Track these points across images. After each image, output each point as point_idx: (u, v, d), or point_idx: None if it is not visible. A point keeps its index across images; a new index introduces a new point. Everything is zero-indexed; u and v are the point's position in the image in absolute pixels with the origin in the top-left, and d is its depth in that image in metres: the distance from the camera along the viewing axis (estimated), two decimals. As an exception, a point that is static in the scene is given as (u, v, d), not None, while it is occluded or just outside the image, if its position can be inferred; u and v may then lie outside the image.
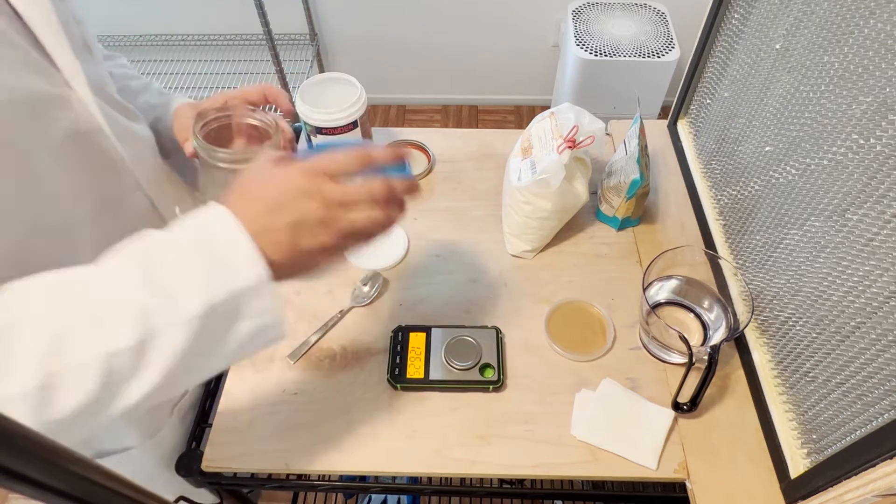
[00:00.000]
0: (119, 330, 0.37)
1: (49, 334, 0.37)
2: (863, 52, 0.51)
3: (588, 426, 0.65)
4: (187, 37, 2.15)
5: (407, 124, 2.35)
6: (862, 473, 0.48)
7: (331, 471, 0.64)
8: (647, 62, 1.78)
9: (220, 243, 0.41)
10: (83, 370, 0.37)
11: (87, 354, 0.37)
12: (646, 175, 0.77)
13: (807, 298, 0.59)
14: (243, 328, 0.42)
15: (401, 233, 0.83)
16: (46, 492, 0.22)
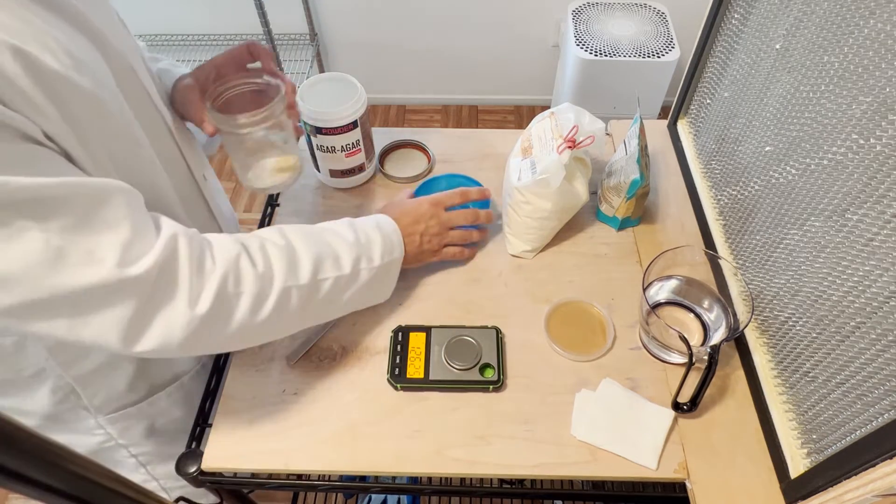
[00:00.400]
0: (345, 265, 0.64)
1: (313, 257, 0.61)
2: (863, 52, 0.51)
3: (588, 426, 0.65)
4: (187, 37, 2.16)
5: (407, 124, 2.35)
6: (862, 473, 0.48)
7: (331, 471, 0.64)
8: (647, 62, 1.78)
9: (388, 233, 0.70)
10: (326, 283, 0.62)
11: (330, 274, 0.63)
12: (646, 175, 0.77)
13: (807, 298, 0.59)
14: (385, 282, 0.71)
15: (401, 233, 0.83)
16: (46, 492, 0.22)
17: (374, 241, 0.67)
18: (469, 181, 0.87)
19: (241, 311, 0.55)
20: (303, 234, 0.63)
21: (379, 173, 0.93)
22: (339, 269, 0.63)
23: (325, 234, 0.65)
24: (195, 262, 0.53)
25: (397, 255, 0.69)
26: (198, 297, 0.52)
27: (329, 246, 0.63)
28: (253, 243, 0.58)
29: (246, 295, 0.55)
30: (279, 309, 0.58)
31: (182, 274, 0.52)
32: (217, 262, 0.54)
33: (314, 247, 0.62)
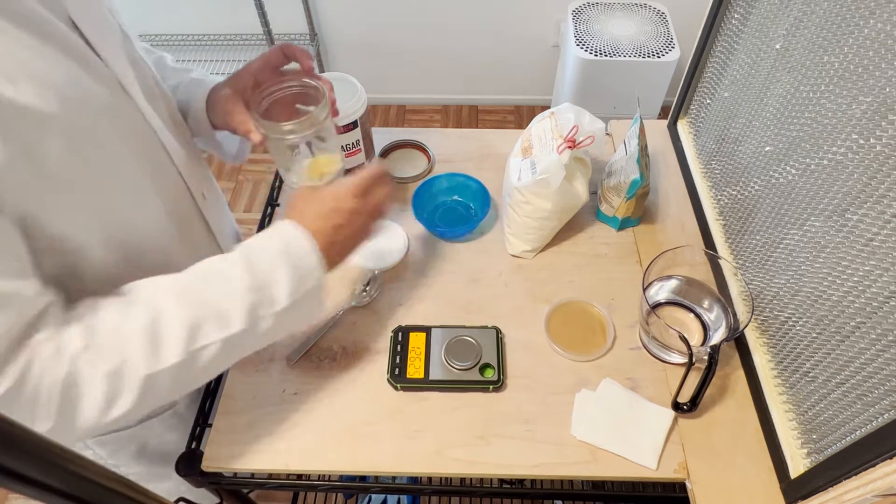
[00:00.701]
0: (234, 321, 0.53)
1: (187, 326, 0.51)
2: (863, 52, 0.51)
3: (588, 426, 0.65)
4: (187, 37, 2.16)
5: (407, 124, 2.35)
6: (862, 473, 0.48)
7: (331, 471, 0.64)
8: (647, 62, 1.78)
9: (301, 255, 0.56)
10: (209, 349, 0.52)
11: (214, 338, 0.52)
12: (646, 175, 0.77)
13: (807, 298, 0.59)
14: (304, 313, 0.59)
15: (401, 233, 0.83)
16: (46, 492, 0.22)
17: (276, 279, 0.54)
18: (469, 181, 0.87)
19: (87, 413, 0.47)
20: (176, 294, 0.52)
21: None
22: (226, 328, 0.52)
23: (207, 286, 0.54)
24: (45, 378, 0.46)
25: (313, 282, 0.57)
26: (33, 417, 0.46)
27: (210, 304, 0.52)
28: (106, 324, 0.49)
29: (91, 396, 0.47)
30: (143, 396, 0.50)
31: (29, 394, 0.45)
32: (56, 370, 0.46)
33: (189, 310, 0.51)
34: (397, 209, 0.88)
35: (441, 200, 0.88)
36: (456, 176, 0.87)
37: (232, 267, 0.54)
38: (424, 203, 0.86)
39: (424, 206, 0.86)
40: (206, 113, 0.71)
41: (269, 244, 0.56)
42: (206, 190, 0.73)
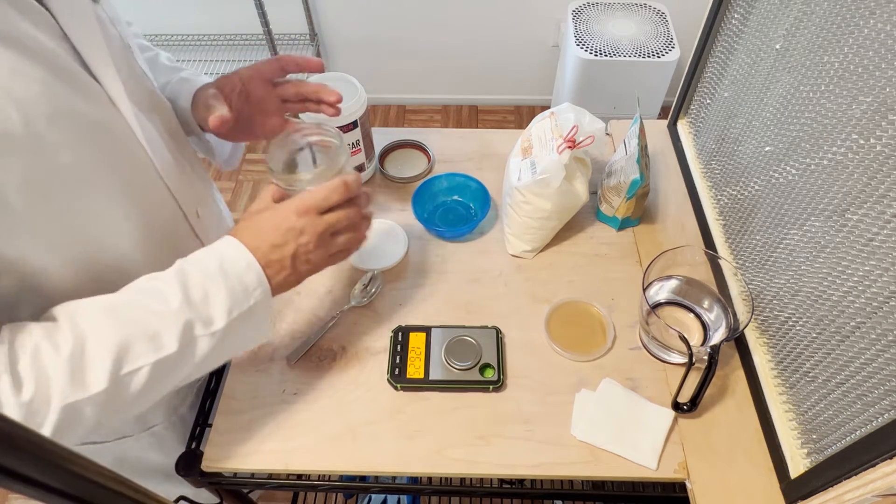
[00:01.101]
0: (167, 342, 0.49)
1: (114, 349, 0.47)
2: (863, 52, 0.51)
3: (588, 426, 0.65)
4: (187, 37, 2.15)
5: (407, 124, 2.35)
6: (862, 473, 0.48)
7: (331, 471, 0.64)
8: (647, 62, 1.78)
9: (238, 273, 0.53)
10: (139, 373, 0.49)
11: (144, 361, 0.49)
12: (646, 175, 0.77)
13: (807, 298, 0.59)
14: (247, 334, 0.56)
15: (401, 233, 0.83)
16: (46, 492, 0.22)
17: (213, 295, 0.52)
18: (469, 180, 0.87)
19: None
20: (104, 314, 0.49)
21: (379, 173, 0.93)
22: (158, 349, 0.49)
23: (138, 305, 0.50)
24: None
25: (257, 298, 0.54)
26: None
27: (140, 324, 0.49)
28: (24, 354, 0.46)
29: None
30: (64, 426, 0.46)
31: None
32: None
33: (117, 332, 0.48)
34: (397, 209, 0.88)
35: (441, 200, 0.89)
36: (456, 176, 0.87)
37: (164, 285, 0.51)
38: (424, 203, 0.86)
39: (424, 206, 0.86)
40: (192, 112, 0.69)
41: (204, 261, 0.53)
42: (202, 207, 0.71)
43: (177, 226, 0.66)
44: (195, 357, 0.52)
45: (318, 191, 0.56)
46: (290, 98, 0.70)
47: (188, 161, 0.71)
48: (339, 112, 0.71)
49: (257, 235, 0.55)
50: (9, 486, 0.21)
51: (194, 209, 0.68)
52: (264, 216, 0.56)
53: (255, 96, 0.68)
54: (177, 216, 0.66)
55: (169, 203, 0.64)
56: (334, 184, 0.57)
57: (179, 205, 0.65)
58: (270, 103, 0.69)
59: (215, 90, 0.67)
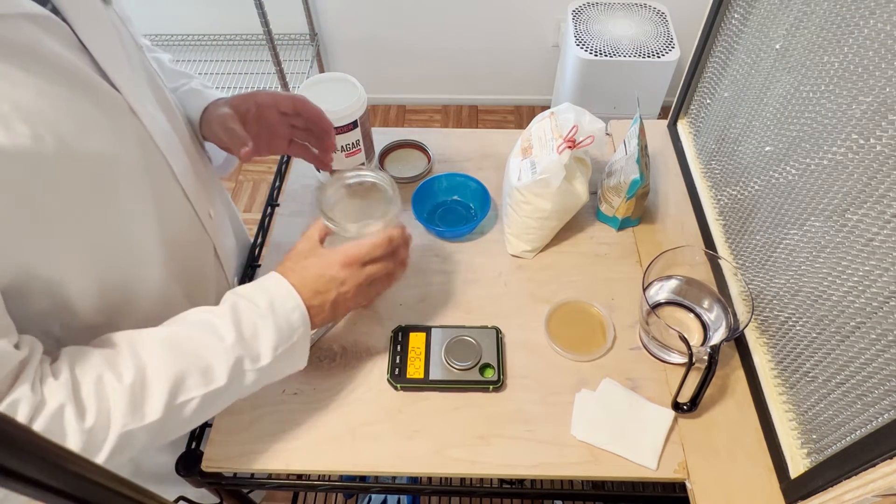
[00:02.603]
0: (218, 376, 0.53)
1: (171, 381, 0.50)
2: (863, 52, 0.51)
3: (588, 426, 0.65)
4: (187, 37, 2.15)
5: (407, 124, 2.35)
6: (862, 473, 0.48)
7: (331, 471, 0.64)
8: (647, 62, 1.78)
9: (286, 312, 0.56)
10: (190, 403, 0.52)
11: (196, 393, 0.52)
12: (646, 175, 0.77)
13: (807, 298, 0.59)
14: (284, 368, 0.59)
15: (401, 233, 0.83)
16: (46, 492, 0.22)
17: (262, 334, 0.55)
18: (469, 181, 0.87)
19: None
20: (162, 346, 0.52)
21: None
22: (210, 383, 0.52)
23: (193, 339, 0.53)
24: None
25: (300, 335, 0.58)
26: None
27: (196, 357, 0.52)
28: (87, 382, 0.48)
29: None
30: (119, 451, 0.49)
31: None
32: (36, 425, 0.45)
33: (174, 365, 0.51)
34: (397, 209, 0.88)
35: (441, 200, 0.89)
36: (456, 176, 0.87)
37: (219, 321, 0.54)
38: (424, 203, 0.86)
39: (424, 206, 0.86)
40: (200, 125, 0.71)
41: (256, 298, 0.56)
42: (213, 208, 0.72)
43: (191, 228, 0.67)
44: (241, 388, 0.55)
45: (363, 244, 0.60)
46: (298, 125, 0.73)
47: (201, 162, 0.72)
48: (329, 166, 0.75)
49: (303, 280, 0.58)
50: (9, 486, 0.21)
51: (207, 211, 0.69)
52: (311, 262, 0.60)
53: (267, 121, 0.70)
54: (192, 219, 0.66)
55: (185, 207, 0.65)
56: (380, 241, 0.61)
57: (194, 207, 0.66)
58: (280, 128, 0.72)
59: (231, 111, 0.68)
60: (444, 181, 0.87)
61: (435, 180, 0.87)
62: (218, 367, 0.53)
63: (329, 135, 0.73)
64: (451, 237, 0.84)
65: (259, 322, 0.55)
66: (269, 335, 0.55)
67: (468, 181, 0.87)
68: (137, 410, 0.49)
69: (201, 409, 0.53)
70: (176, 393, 0.50)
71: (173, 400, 0.50)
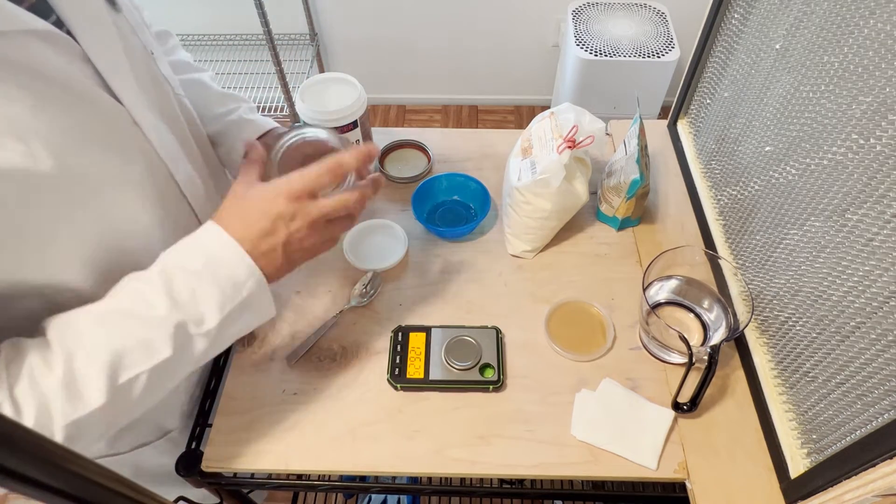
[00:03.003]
0: (160, 348, 0.48)
1: (107, 362, 0.46)
2: (863, 52, 0.51)
3: (588, 426, 0.65)
4: (187, 36, 2.15)
5: (407, 124, 2.35)
6: (862, 473, 0.48)
7: (331, 471, 0.64)
8: (647, 62, 1.78)
9: (225, 266, 0.50)
10: (137, 380, 0.48)
11: (140, 369, 0.47)
12: (646, 175, 0.77)
13: (807, 298, 0.59)
14: (247, 321, 0.53)
15: (401, 233, 0.83)
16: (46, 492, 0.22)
17: (201, 294, 0.49)
18: (469, 181, 0.87)
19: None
20: (91, 326, 0.48)
21: (379, 173, 0.93)
22: (152, 356, 0.48)
23: (125, 313, 0.48)
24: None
25: (250, 289, 0.51)
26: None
27: (130, 331, 0.47)
28: (22, 379, 0.45)
29: None
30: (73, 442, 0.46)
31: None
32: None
33: (108, 344, 0.47)
34: (397, 209, 0.88)
35: (441, 200, 0.89)
36: (456, 176, 0.87)
37: (149, 288, 0.49)
38: (424, 203, 0.86)
39: (424, 206, 0.86)
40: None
41: (189, 258, 0.50)
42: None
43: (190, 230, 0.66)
44: (193, 355, 0.51)
45: (308, 172, 0.52)
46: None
47: (211, 172, 0.71)
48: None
49: (244, 223, 0.51)
50: (9, 486, 0.21)
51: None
52: (251, 201, 0.52)
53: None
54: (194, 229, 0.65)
55: (190, 219, 0.64)
56: (328, 165, 0.53)
57: (199, 220, 0.65)
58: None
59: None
60: (444, 181, 0.87)
61: (435, 180, 0.87)
62: (158, 339, 0.48)
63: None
64: (451, 237, 0.84)
65: (194, 282, 0.49)
66: (211, 297, 0.49)
67: (468, 181, 0.87)
68: (77, 399, 0.45)
69: (154, 384, 0.49)
70: (116, 373, 0.46)
71: (115, 380, 0.46)
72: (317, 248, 0.55)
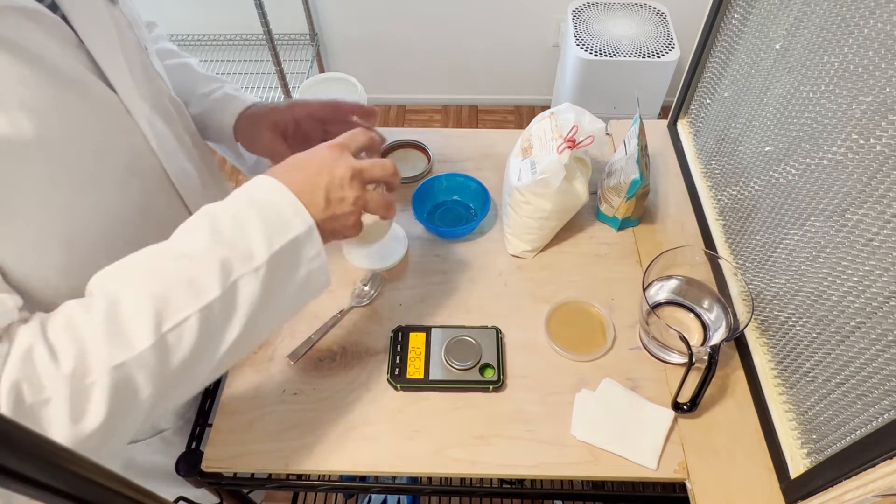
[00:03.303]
0: (207, 286, 0.44)
1: (152, 302, 0.43)
2: (863, 52, 0.51)
3: (588, 426, 0.65)
4: (187, 37, 2.15)
5: (407, 124, 2.35)
6: (862, 473, 0.48)
7: (331, 471, 0.64)
8: (647, 62, 1.78)
9: (270, 201, 0.48)
10: (186, 324, 0.43)
11: (188, 311, 0.43)
12: (646, 175, 0.77)
13: (807, 298, 0.59)
14: (301, 272, 0.50)
15: (400, 232, 0.83)
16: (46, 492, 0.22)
17: (247, 226, 0.46)
18: (469, 181, 0.87)
19: (55, 426, 0.39)
20: (132, 268, 0.45)
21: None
22: (200, 295, 0.44)
23: (167, 255, 0.46)
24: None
25: (298, 229, 0.48)
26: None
27: (174, 270, 0.44)
28: (56, 322, 0.42)
29: (54, 402, 0.39)
30: (120, 396, 0.42)
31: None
32: (4, 374, 0.39)
33: (150, 284, 0.44)
34: (397, 209, 0.87)
35: (441, 200, 0.89)
36: (456, 176, 0.87)
37: (192, 227, 0.47)
38: (424, 203, 0.86)
39: (424, 206, 0.86)
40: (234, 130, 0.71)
41: (231, 202, 0.48)
42: None
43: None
44: (243, 302, 0.46)
45: (351, 134, 0.55)
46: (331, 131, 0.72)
47: (206, 167, 0.71)
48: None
49: (287, 171, 0.51)
50: (9, 486, 0.21)
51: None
52: (295, 157, 0.53)
53: (304, 132, 0.71)
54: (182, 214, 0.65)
55: (181, 212, 0.64)
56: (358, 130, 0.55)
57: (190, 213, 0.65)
58: (315, 135, 0.72)
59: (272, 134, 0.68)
60: (444, 181, 0.87)
61: (435, 180, 0.87)
62: (204, 276, 0.44)
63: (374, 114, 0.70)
64: (451, 237, 0.84)
65: (241, 220, 0.47)
66: (256, 230, 0.46)
67: (468, 181, 0.87)
68: (121, 340, 0.42)
69: (205, 336, 0.45)
70: (161, 315, 0.43)
71: (161, 324, 0.43)
72: (358, 201, 0.52)
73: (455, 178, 0.87)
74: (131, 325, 0.42)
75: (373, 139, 0.56)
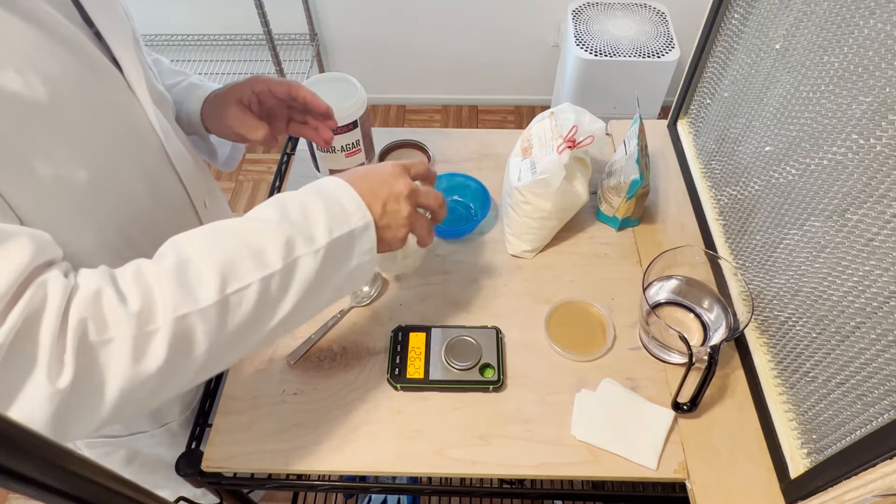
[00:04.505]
0: (272, 259, 0.47)
1: (220, 265, 0.46)
2: (863, 52, 0.51)
3: (588, 426, 0.65)
4: (187, 37, 2.15)
5: (407, 124, 2.35)
6: (862, 473, 0.48)
7: (331, 471, 0.64)
8: (647, 62, 1.78)
9: (335, 196, 0.52)
10: (248, 290, 0.46)
11: (251, 278, 0.46)
12: (646, 175, 0.77)
13: (807, 298, 0.59)
14: (352, 263, 0.53)
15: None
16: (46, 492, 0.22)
17: (313, 213, 0.50)
18: (469, 180, 0.87)
19: (115, 366, 0.41)
20: (204, 235, 0.48)
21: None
22: (263, 266, 0.47)
23: (238, 227, 0.49)
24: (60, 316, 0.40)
25: (356, 224, 0.52)
26: (60, 363, 0.39)
27: (243, 240, 0.48)
28: (125, 271, 0.45)
29: (117, 342, 0.41)
30: (179, 346, 0.44)
31: (44, 334, 0.39)
32: (72, 310, 0.41)
33: (219, 249, 0.47)
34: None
35: (441, 200, 0.89)
36: (456, 176, 0.87)
37: (264, 208, 0.51)
38: (424, 203, 0.86)
39: (424, 206, 0.86)
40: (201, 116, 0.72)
41: (300, 192, 0.53)
42: (209, 199, 0.72)
43: (185, 214, 0.68)
44: (298, 279, 0.49)
45: (409, 161, 0.60)
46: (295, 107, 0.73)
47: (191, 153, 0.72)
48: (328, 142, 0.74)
49: (352, 176, 0.55)
50: (9, 486, 0.21)
51: (202, 199, 0.70)
52: (361, 167, 0.58)
53: (267, 106, 0.71)
54: (185, 205, 0.67)
55: (179, 190, 0.66)
56: (419, 161, 0.61)
57: (188, 193, 0.67)
58: (278, 111, 0.73)
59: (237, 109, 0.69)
60: (444, 181, 0.87)
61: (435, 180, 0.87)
62: (269, 249, 0.47)
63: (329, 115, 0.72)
64: (451, 237, 0.84)
65: (307, 202, 0.51)
66: (320, 214, 0.50)
67: (468, 181, 0.87)
68: (187, 293, 0.44)
69: (261, 304, 0.47)
70: (227, 278, 0.45)
71: (225, 286, 0.45)
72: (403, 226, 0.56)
73: (455, 178, 0.87)
74: (198, 281, 0.45)
75: (431, 171, 0.62)
